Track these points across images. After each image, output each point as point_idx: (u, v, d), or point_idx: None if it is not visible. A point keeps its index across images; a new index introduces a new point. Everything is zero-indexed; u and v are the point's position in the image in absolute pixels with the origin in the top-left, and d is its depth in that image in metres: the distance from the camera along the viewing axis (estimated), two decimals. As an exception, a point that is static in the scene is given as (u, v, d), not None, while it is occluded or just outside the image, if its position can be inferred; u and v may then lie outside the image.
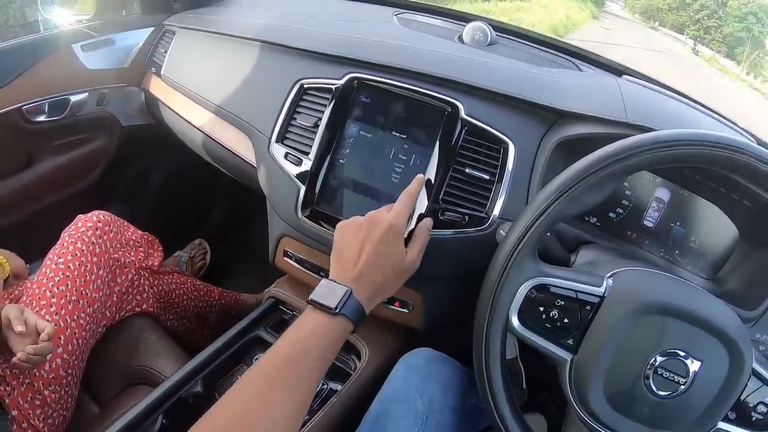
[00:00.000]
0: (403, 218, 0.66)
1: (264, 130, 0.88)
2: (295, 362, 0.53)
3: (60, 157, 1.21)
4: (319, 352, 0.55)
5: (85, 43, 1.16)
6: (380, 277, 0.62)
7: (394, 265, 0.64)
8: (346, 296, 0.58)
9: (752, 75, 12.47)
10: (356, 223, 0.66)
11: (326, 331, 0.56)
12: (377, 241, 0.63)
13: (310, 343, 0.55)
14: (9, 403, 0.78)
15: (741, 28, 14.40)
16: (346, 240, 0.65)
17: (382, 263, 0.62)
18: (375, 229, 0.64)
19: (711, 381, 0.54)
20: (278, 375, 0.52)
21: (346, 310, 0.57)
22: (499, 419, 0.59)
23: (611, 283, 0.57)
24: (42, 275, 0.88)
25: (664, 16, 16.96)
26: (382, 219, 0.65)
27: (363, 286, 0.61)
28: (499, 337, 0.58)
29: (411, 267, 0.66)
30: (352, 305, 0.58)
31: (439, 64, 0.81)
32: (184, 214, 1.61)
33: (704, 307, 0.55)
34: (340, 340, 0.58)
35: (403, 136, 0.79)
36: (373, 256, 0.62)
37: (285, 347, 0.54)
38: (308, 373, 0.53)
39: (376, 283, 0.62)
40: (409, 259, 0.65)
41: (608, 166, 0.54)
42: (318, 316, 0.57)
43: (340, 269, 0.63)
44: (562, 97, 0.77)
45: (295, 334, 0.56)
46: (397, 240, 0.64)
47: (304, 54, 0.89)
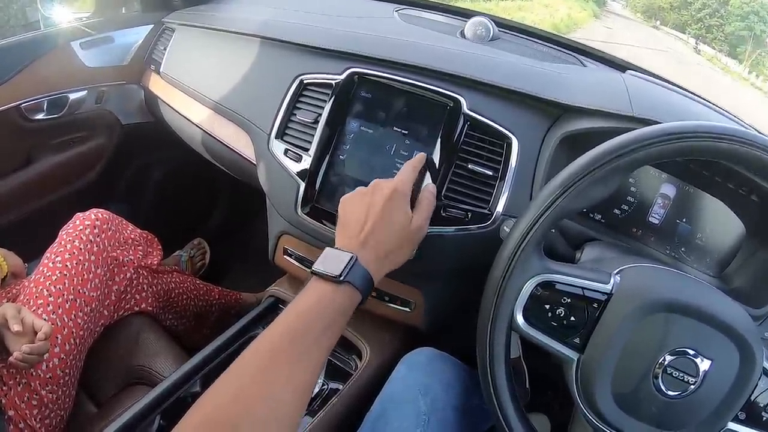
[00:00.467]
0: (408, 183, 0.64)
1: (263, 126, 0.87)
2: (298, 336, 0.49)
3: (59, 156, 1.21)
4: (325, 323, 0.51)
5: (84, 40, 1.15)
6: (387, 241, 0.60)
7: (401, 229, 0.61)
8: (351, 263, 0.54)
9: (754, 74, 12.45)
10: (360, 192, 0.64)
11: (331, 300, 0.53)
12: (382, 205, 0.60)
13: (313, 314, 0.51)
14: (6, 403, 0.78)
15: (743, 26, 14.39)
16: (350, 208, 0.62)
17: (389, 227, 0.60)
18: (379, 194, 0.62)
19: (721, 380, 0.53)
20: (281, 349, 0.48)
21: (352, 278, 0.54)
22: (502, 419, 0.58)
23: (619, 279, 0.56)
24: (39, 274, 0.88)
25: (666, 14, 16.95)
26: (387, 184, 0.63)
27: (370, 251, 0.58)
28: (503, 335, 0.57)
29: (418, 232, 0.64)
30: (359, 272, 0.55)
31: (441, 58, 0.80)
32: (184, 213, 1.60)
33: (714, 305, 0.53)
34: (347, 311, 0.54)
35: (404, 131, 0.78)
36: (378, 219, 0.59)
37: (287, 320, 0.51)
38: (313, 347, 0.50)
39: (384, 247, 0.59)
40: (415, 223, 0.63)
41: (614, 160, 0.53)
42: (322, 286, 0.54)
43: (345, 237, 0.60)
44: (566, 91, 0.76)
45: (298, 306, 0.52)
46: (402, 203, 0.62)
47: (304, 49, 0.88)
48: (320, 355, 0.51)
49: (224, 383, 0.47)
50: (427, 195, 0.68)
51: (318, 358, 0.51)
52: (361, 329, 0.87)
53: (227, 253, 1.63)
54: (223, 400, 0.45)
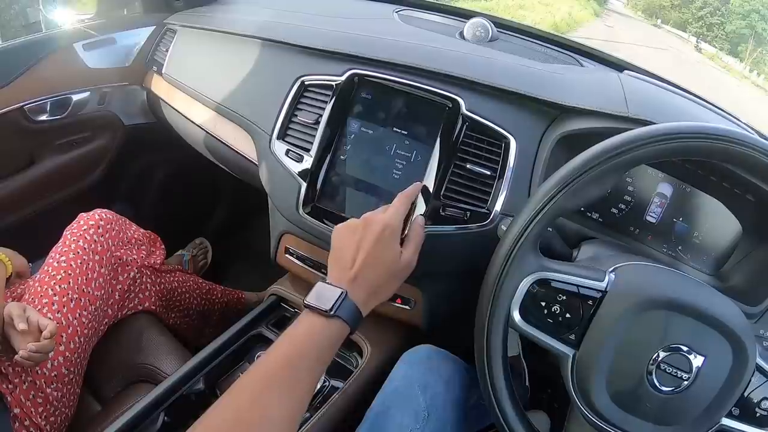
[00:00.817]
0: (399, 218, 0.65)
1: (265, 127, 0.88)
2: (290, 364, 0.53)
3: (62, 156, 1.21)
4: (315, 354, 0.54)
5: (86, 42, 1.15)
6: (376, 277, 0.61)
7: (391, 265, 0.63)
8: (341, 298, 0.57)
9: (755, 72, 12.41)
10: (352, 225, 0.65)
11: (322, 333, 0.56)
12: (373, 242, 0.62)
13: (305, 345, 0.54)
14: (11, 401, 0.78)
15: (744, 25, 14.34)
16: (342, 242, 0.64)
17: (379, 263, 0.62)
18: (371, 230, 0.63)
19: (714, 376, 0.53)
20: (274, 377, 0.52)
21: (342, 312, 0.57)
22: (501, 416, 0.59)
23: (613, 277, 0.57)
24: (44, 273, 0.88)
25: (667, 13, 16.91)
26: (378, 219, 0.64)
27: (359, 287, 0.60)
28: (500, 332, 0.58)
29: (407, 267, 0.65)
30: (348, 307, 0.58)
31: (440, 60, 0.81)
32: (186, 213, 1.61)
33: (708, 302, 0.54)
34: (336, 343, 0.57)
35: (404, 132, 0.79)
36: (369, 256, 0.61)
37: (281, 349, 0.54)
38: (304, 376, 0.53)
39: (373, 284, 0.61)
40: (404, 258, 0.64)
41: (609, 160, 0.54)
42: (313, 319, 0.56)
43: (337, 271, 0.62)
44: (564, 92, 0.77)
45: (291, 337, 0.55)
46: (392, 239, 0.63)
47: (305, 51, 0.89)
48: (311, 383, 0.54)
49: (223, 407, 0.50)
50: (416, 229, 0.69)
51: (309, 385, 0.54)
52: (361, 327, 0.86)
53: (229, 253, 1.64)
54: (224, 423, 0.48)
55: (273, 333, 0.91)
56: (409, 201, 0.69)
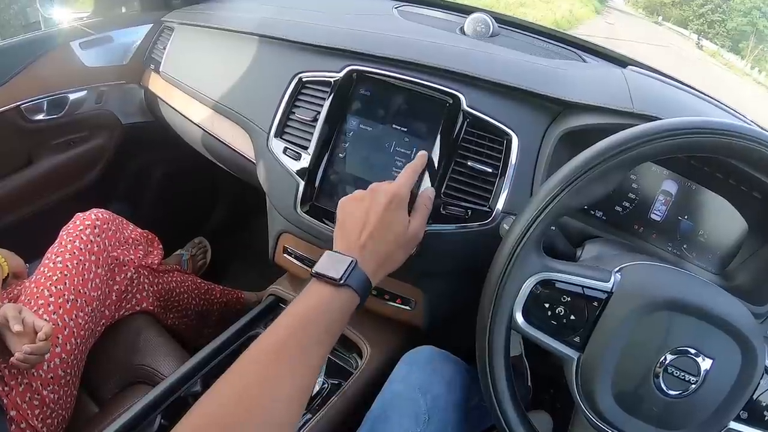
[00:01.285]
0: (407, 188, 0.65)
1: (263, 125, 0.87)
2: (299, 336, 0.50)
3: (59, 156, 1.21)
4: (325, 325, 0.52)
5: (83, 40, 1.15)
6: (385, 245, 0.61)
7: (399, 234, 0.62)
8: (351, 267, 0.56)
9: (756, 69, 12.38)
10: (359, 195, 0.64)
11: (331, 302, 0.54)
12: (381, 210, 0.61)
13: (314, 315, 0.52)
14: (7, 403, 0.78)
15: (745, 22, 14.31)
16: (349, 211, 0.63)
17: (387, 231, 0.61)
18: (378, 198, 0.62)
19: (723, 380, 0.52)
20: (281, 349, 0.49)
21: (352, 281, 0.55)
22: (502, 418, 0.58)
23: (619, 278, 0.56)
24: (40, 274, 0.88)
25: (668, 10, 16.88)
26: (386, 188, 0.63)
27: (368, 255, 0.59)
28: (502, 334, 0.56)
29: (415, 236, 0.64)
30: (358, 276, 0.56)
31: (440, 55, 0.80)
32: (185, 212, 1.60)
33: (716, 303, 0.53)
34: (346, 313, 0.55)
35: (403, 129, 0.78)
36: (377, 224, 0.60)
37: (288, 320, 0.52)
38: (313, 348, 0.51)
39: (382, 252, 0.60)
40: (412, 227, 0.64)
41: (614, 156, 0.53)
42: (322, 288, 0.55)
43: (344, 240, 0.61)
44: (567, 87, 0.76)
45: (299, 307, 0.53)
46: (400, 208, 0.63)
47: (303, 47, 0.88)
48: (321, 354, 0.52)
49: (227, 382, 0.47)
50: (425, 200, 0.69)
51: (318, 357, 0.52)
52: (361, 328, 0.87)
53: (228, 252, 1.63)
54: (228, 400, 0.46)
55: (272, 334, 0.89)
56: (416, 172, 0.68)
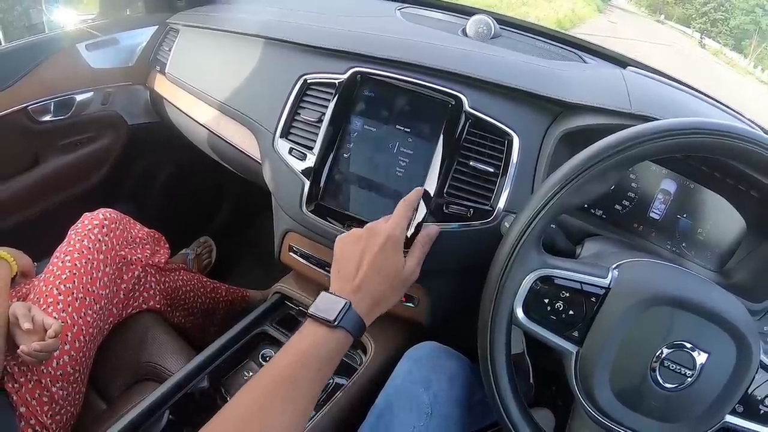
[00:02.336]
0: (402, 228, 0.65)
1: (268, 125, 0.88)
2: (293, 374, 0.53)
3: (66, 156, 1.22)
4: (318, 364, 0.55)
5: (89, 42, 1.16)
6: (379, 287, 0.62)
7: (394, 276, 0.63)
8: (345, 309, 0.57)
9: (759, 68, 12.34)
10: (355, 235, 0.65)
11: (325, 343, 0.56)
12: (376, 252, 0.62)
13: (309, 355, 0.55)
14: (17, 400, 0.79)
15: (748, 20, 14.26)
16: (345, 252, 0.64)
17: (381, 274, 0.62)
18: (373, 240, 0.63)
19: (718, 373, 0.53)
20: (277, 387, 0.52)
21: (346, 323, 0.57)
22: (504, 413, 0.59)
23: (617, 274, 0.57)
24: (49, 273, 0.89)
25: (670, 9, 16.83)
26: (381, 229, 0.64)
27: (362, 297, 0.60)
28: (504, 329, 0.58)
29: (410, 277, 0.65)
30: (352, 318, 0.58)
31: (443, 57, 0.81)
32: (191, 212, 1.61)
33: (711, 299, 0.54)
34: (339, 353, 0.57)
35: (407, 129, 0.79)
36: (372, 267, 0.61)
37: (284, 359, 0.55)
38: (307, 386, 0.53)
39: (376, 294, 0.61)
40: (407, 268, 0.65)
41: (612, 156, 0.54)
42: (317, 329, 0.57)
43: (340, 281, 0.62)
44: (567, 88, 0.77)
45: (295, 347, 0.56)
46: (395, 250, 0.63)
47: (307, 49, 0.89)
48: (313, 394, 0.54)
49: (224, 418, 0.50)
50: (422, 238, 0.70)
51: (311, 396, 0.54)
52: (365, 325, 0.88)
53: (234, 251, 1.64)
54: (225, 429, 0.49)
55: (277, 331, 0.91)
56: (411, 208, 0.69)
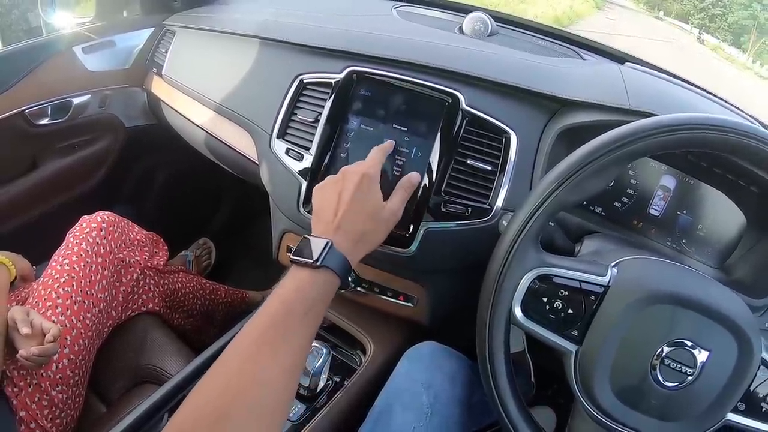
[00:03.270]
0: (376, 167, 0.66)
1: (265, 126, 0.87)
2: (280, 321, 0.51)
3: (64, 159, 1.22)
4: (305, 308, 0.53)
5: (86, 45, 1.16)
6: (361, 223, 0.62)
7: (374, 211, 0.63)
8: (327, 248, 0.57)
9: (758, 63, 12.33)
10: (331, 180, 0.66)
11: (310, 285, 0.55)
12: (352, 191, 0.63)
13: (294, 300, 0.53)
14: (17, 403, 0.79)
15: (746, 15, 14.25)
16: (322, 196, 0.65)
17: (361, 210, 0.62)
18: (349, 180, 0.64)
19: (719, 371, 0.53)
20: (264, 336, 0.50)
21: (329, 262, 0.56)
22: (503, 413, 0.58)
23: (616, 272, 0.56)
24: (47, 276, 0.89)
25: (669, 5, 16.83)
26: (355, 170, 0.65)
27: (344, 236, 0.60)
28: (502, 328, 0.57)
29: (392, 215, 0.66)
30: (335, 256, 0.57)
31: (439, 55, 0.81)
32: (189, 213, 1.61)
33: (711, 296, 0.54)
34: (327, 295, 0.56)
35: (403, 128, 0.78)
36: (350, 204, 0.62)
37: (269, 307, 0.53)
38: (295, 331, 0.52)
39: (357, 230, 0.61)
40: (390, 206, 0.65)
41: (609, 153, 0.53)
42: (301, 272, 0.56)
43: (320, 224, 0.62)
44: (564, 85, 0.76)
45: (279, 295, 0.54)
46: (371, 186, 0.64)
47: (303, 49, 0.89)
48: (303, 337, 0.53)
49: (213, 375, 0.48)
50: (405, 181, 0.70)
51: (301, 340, 0.52)
52: (365, 325, 0.88)
53: (233, 252, 1.64)
54: (213, 392, 0.46)
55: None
56: (385, 153, 0.70)
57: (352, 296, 0.90)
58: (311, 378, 0.75)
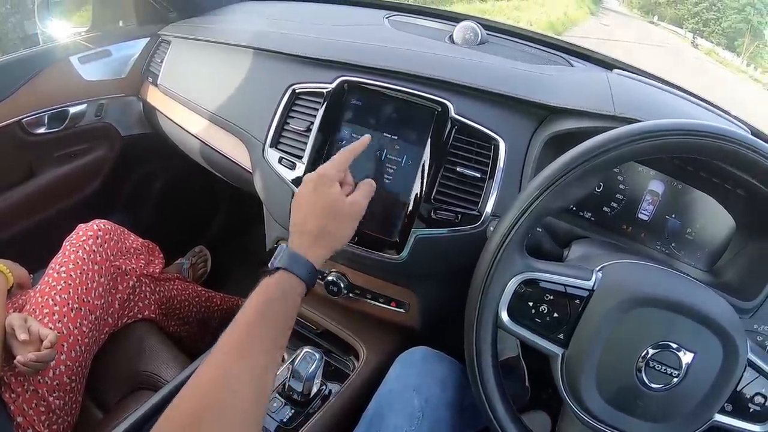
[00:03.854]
0: (334, 166, 0.66)
1: (258, 135, 0.89)
2: (244, 329, 0.53)
3: (61, 168, 1.23)
4: (268, 313, 0.55)
5: (82, 55, 1.17)
6: (318, 222, 0.62)
7: (332, 204, 0.63)
8: (281, 251, 0.59)
9: (752, 66, 12.38)
10: (297, 192, 0.67)
11: (268, 290, 0.56)
12: (310, 191, 0.64)
13: (256, 307, 0.55)
14: (14, 409, 0.79)
15: (740, 19, 14.32)
16: (293, 207, 0.66)
17: (315, 206, 0.63)
18: (306, 182, 0.65)
19: (705, 373, 0.54)
20: (229, 344, 0.52)
21: (282, 263, 0.58)
22: (493, 417, 0.59)
23: (600, 276, 0.57)
24: (45, 284, 0.90)
25: (663, 10, 16.90)
26: (314, 172, 0.66)
27: (300, 235, 0.61)
28: (489, 333, 0.58)
29: (355, 209, 0.66)
30: (288, 256, 0.58)
31: (428, 64, 0.82)
32: (185, 222, 1.62)
33: (695, 298, 0.55)
34: (287, 296, 0.57)
35: (394, 137, 0.80)
36: (307, 205, 0.63)
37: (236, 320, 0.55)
38: (260, 335, 0.53)
39: (314, 228, 0.62)
40: (351, 200, 0.65)
41: (590, 160, 0.54)
42: (265, 281, 0.57)
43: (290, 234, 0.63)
44: (552, 93, 0.78)
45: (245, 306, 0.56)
46: (329, 184, 0.64)
47: (296, 59, 0.90)
48: (268, 343, 0.54)
49: (189, 384, 0.50)
50: (366, 181, 0.70)
51: (267, 341, 0.54)
52: (357, 330, 0.89)
53: (228, 260, 1.64)
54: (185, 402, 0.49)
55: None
56: (353, 153, 0.69)
57: (344, 302, 0.91)
58: (304, 383, 0.76)
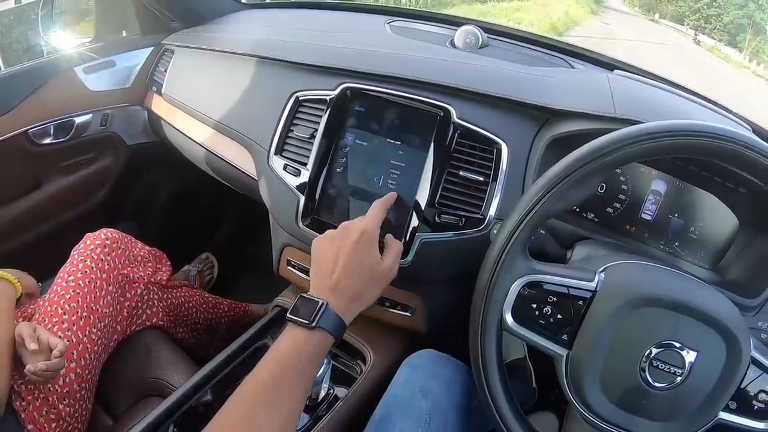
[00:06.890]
0: (375, 224, 0.67)
1: (262, 143, 0.89)
2: (276, 380, 0.54)
3: (67, 178, 1.24)
4: (300, 368, 0.55)
5: (86, 65, 1.19)
6: (357, 284, 0.62)
7: (371, 271, 0.64)
8: (322, 309, 0.58)
9: (755, 62, 12.31)
10: (330, 235, 0.66)
11: (305, 346, 0.56)
12: (350, 249, 0.63)
13: (289, 359, 0.55)
14: (25, 417, 0.80)
15: (742, 15, 14.25)
16: (321, 253, 0.65)
17: (358, 270, 0.62)
18: (348, 238, 0.64)
19: (708, 371, 0.54)
20: (261, 394, 0.53)
21: (324, 323, 0.57)
22: (499, 419, 0.59)
23: (603, 277, 0.58)
24: (53, 293, 0.91)
25: (664, 7, 16.84)
26: (355, 227, 0.65)
27: (339, 295, 0.61)
28: (494, 335, 0.59)
29: (388, 273, 0.66)
30: (330, 317, 0.58)
31: (430, 70, 0.83)
32: (191, 229, 1.63)
33: (697, 297, 0.55)
34: (320, 354, 0.58)
35: (397, 142, 0.80)
36: (347, 264, 0.62)
37: (266, 366, 0.55)
38: (290, 390, 0.54)
39: (353, 291, 0.62)
40: (385, 265, 0.65)
41: (591, 163, 0.55)
42: (296, 332, 0.57)
43: (317, 282, 0.63)
44: (553, 95, 0.78)
45: (275, 353, 0.56)
46: (370, 246, 0.64)
47: (299, 67, 0.91)
48: (297, 397, 0.55)
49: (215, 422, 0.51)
50: (391, 237, 0.71)
51: (295, 400, 0.55)
52: (364, 334, 0.89)
53: (235, 266, 1.65)
54: None
55: (278, 344, 0.92)
56: (385, 207, 0.71)
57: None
58: (312, 388, 0.76)
